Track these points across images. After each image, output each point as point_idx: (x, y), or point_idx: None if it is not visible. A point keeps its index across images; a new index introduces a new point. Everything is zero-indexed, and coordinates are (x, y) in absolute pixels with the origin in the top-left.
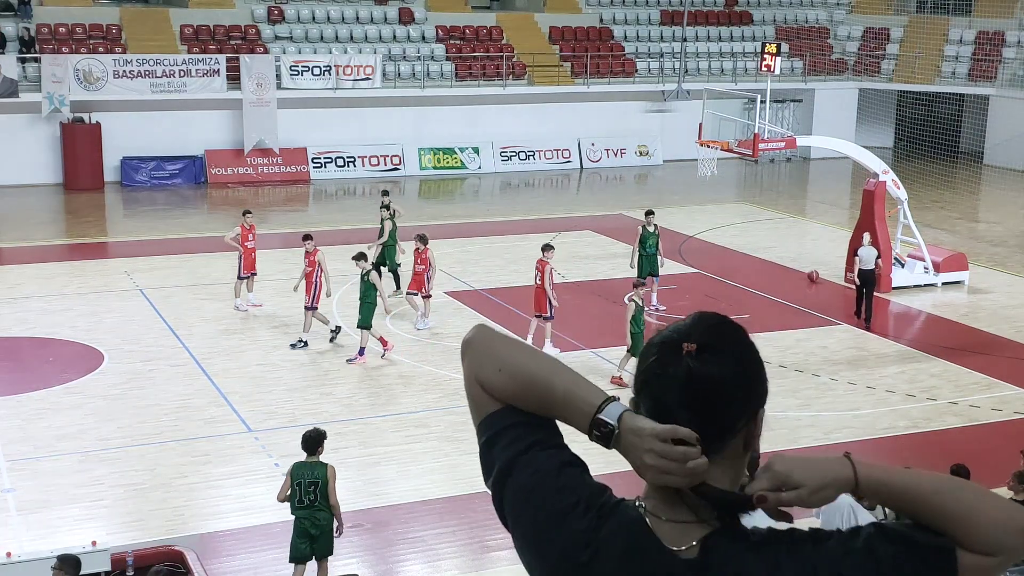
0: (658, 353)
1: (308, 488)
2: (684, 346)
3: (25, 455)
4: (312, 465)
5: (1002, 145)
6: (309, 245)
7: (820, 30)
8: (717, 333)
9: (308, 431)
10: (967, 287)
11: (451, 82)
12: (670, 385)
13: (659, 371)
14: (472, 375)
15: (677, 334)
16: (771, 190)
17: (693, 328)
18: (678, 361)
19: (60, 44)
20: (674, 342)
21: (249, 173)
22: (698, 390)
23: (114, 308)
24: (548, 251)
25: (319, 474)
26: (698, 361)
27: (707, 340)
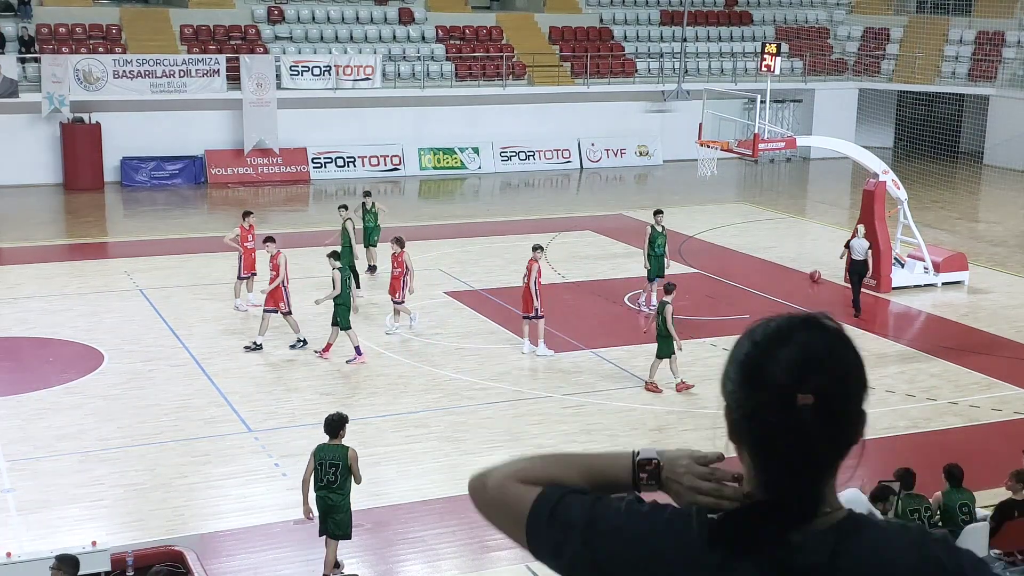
0: (767, 401)
1: (329, 469)
2: (799, 398)
3: (25, 455)
4: (333, 447)
5: (1002, 145)
6: (272, 248)
7: (820, 30)
8: (838, 376)
9: (331, 414)
10: (967, 287)
11: (451, 82)
12: (786, 443)
13: (771, 424)
14: (500, 490)
15: (787, 376)
16: (771, 190)
17: (806, 367)
18: (790, 413)
19: (60, 44)
20: (785, 388)
21: (249, 173)
22: (817, 449)
23: (114, 308)
24: (537, 251)
25: (339, 455)
26: (817, 419)
27: (825, 389)
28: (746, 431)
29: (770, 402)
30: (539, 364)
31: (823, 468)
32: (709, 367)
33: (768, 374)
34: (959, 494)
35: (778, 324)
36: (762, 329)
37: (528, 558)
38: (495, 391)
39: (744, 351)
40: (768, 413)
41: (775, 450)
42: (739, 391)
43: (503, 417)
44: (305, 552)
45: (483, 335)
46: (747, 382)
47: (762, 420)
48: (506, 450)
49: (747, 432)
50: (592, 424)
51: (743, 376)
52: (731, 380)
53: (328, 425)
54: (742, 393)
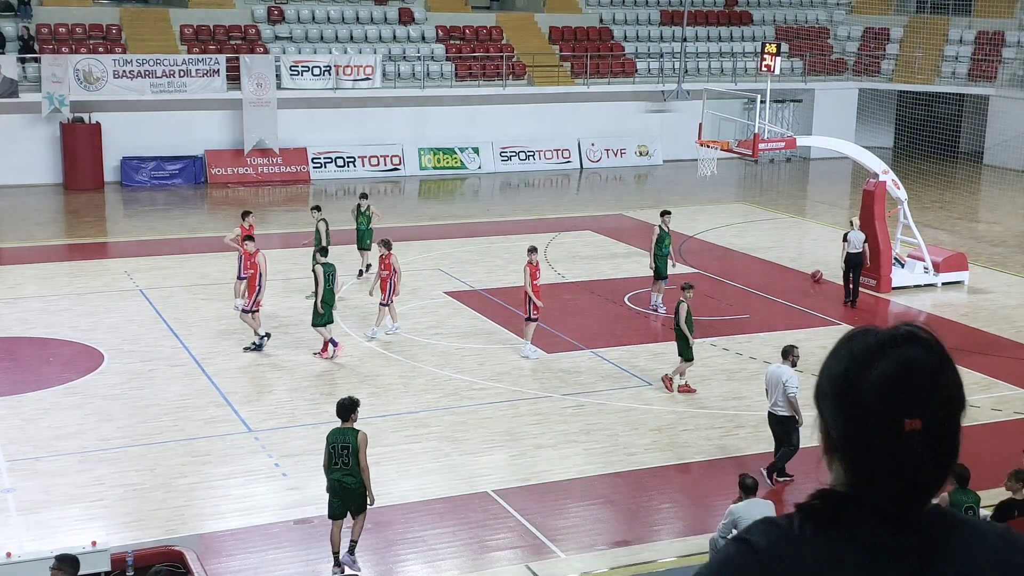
0: (873, 424)
1: (340, 451)
2: (906, 423)
3: (25, 455)
4: (344, 431)
5: (1002, 145)
6: (251, 246)
7: (820, 30)
8: (944, 398)
9: (342, 398)
10: (967, 287)
11: (451, 82)
12: (891, 468)
13: (875, 449)
14: None
15: (893, 399)
16: (771, 190)
17: (913, 390)
18: (898, 439)
19: (60, 44)
20: (891, 412)
21: (249, 173)
22: (924, 474)
23: (114, 308)
24: (531, 253)
25: (350, 439)
26: (925, 447)
27: (934, 413)
28: (847, 452)
29: (876, 425)
30: (539, 364)
31: (930, 492)
32: (709, 367)
33: (872, 395)
34: (965, 495)
35: (879, 339)
36: (861, 343)
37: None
38: (495, 391)
39: (843, 366)
40: (873, 437)
41: (879, 473)
42: (838, 411)
43: (503, 417)
44: (305, 552)
45: (483, 335)
46: (847, 401)
47: (866, 444)
48: (506, 450)
49: (848, 453)
50: (592, 424)
51: (842, 395)
52: (828, 397)
53: (340, 409)
54: (841, 414)
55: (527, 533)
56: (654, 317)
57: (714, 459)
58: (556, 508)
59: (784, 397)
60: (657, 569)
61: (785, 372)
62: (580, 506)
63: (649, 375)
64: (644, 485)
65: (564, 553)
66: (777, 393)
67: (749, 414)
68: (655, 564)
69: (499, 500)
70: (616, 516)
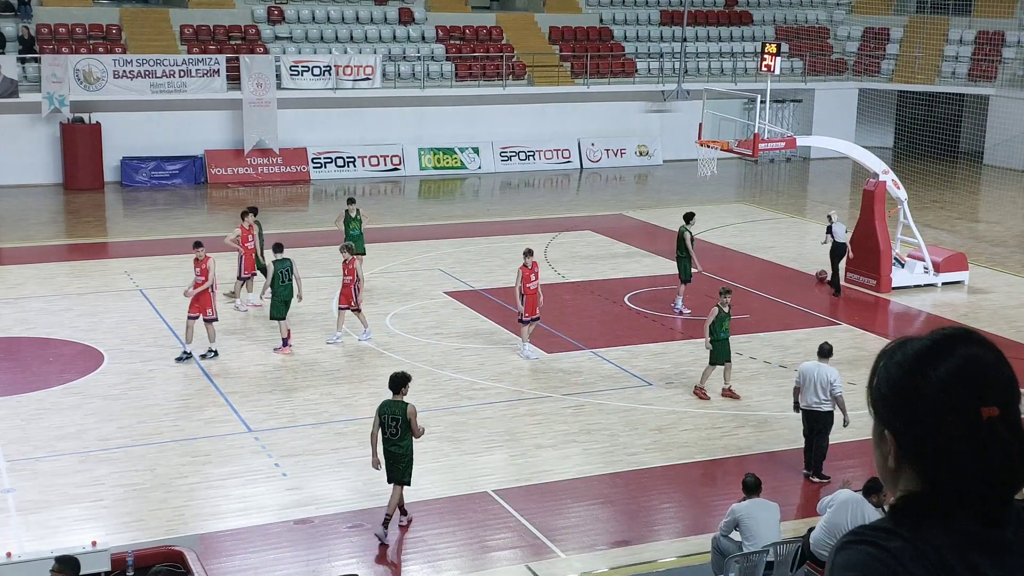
0: (950, 420)
1: (390, 422)
2: (984, 412)
3: (25, 455)
4: (394, 403)
5: (1002, 145)
6: (200, 253)
7: (820, 30)
8: (1011, 383)
9: (394, 372)
10: (967, 287)
11: (451, 82)
12: (978, 458)
13: (958, 441)
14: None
15: (966, 391)
16: (771, 190)
17: (982, 380)
18: (977, 428)
19: (60, 44)
20: (966, 403)
21: (249, 173)
22: (1014, 459)
23: (114, 308)
24: (526, 256)
25: (399, 411)
26: (1008, 432)
27: (1007, 398)
28: (923, 455)
29: (954, 422)
30: (539, 364)
31: (1017, 481)
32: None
33: (944, 392)
34: None
35: (934, 340)
36: (916, 346)
37: (528, 558)
38: (495, 391)
39: (904, 370)
40: (952, 433)
41: (963, 469)
42: (908, 415)
43: (503, 417)
44: (305, 552)
45: (483, 335)
46: (916, 403)
47: (944, 442)
48: (506, 450)
49: (925, 456)
50: (592, 424)
51: (910, 398)
52: (891, 404)
53: (391, 382)
54: (912, 417)
55: (527, 533)
56: (654, 317)
57: (714, 459)
58: (556, 508)
59: (830, 395)
60: (657, 569)
61: (831, 371)
62: (580, 506)
63: (649, 375)
64: (644, 485)
65: (564, 553)
66: (819, 390)
67: (749, 414)
68: (655, 564)
69: (499, 500)
70: (616, 516)
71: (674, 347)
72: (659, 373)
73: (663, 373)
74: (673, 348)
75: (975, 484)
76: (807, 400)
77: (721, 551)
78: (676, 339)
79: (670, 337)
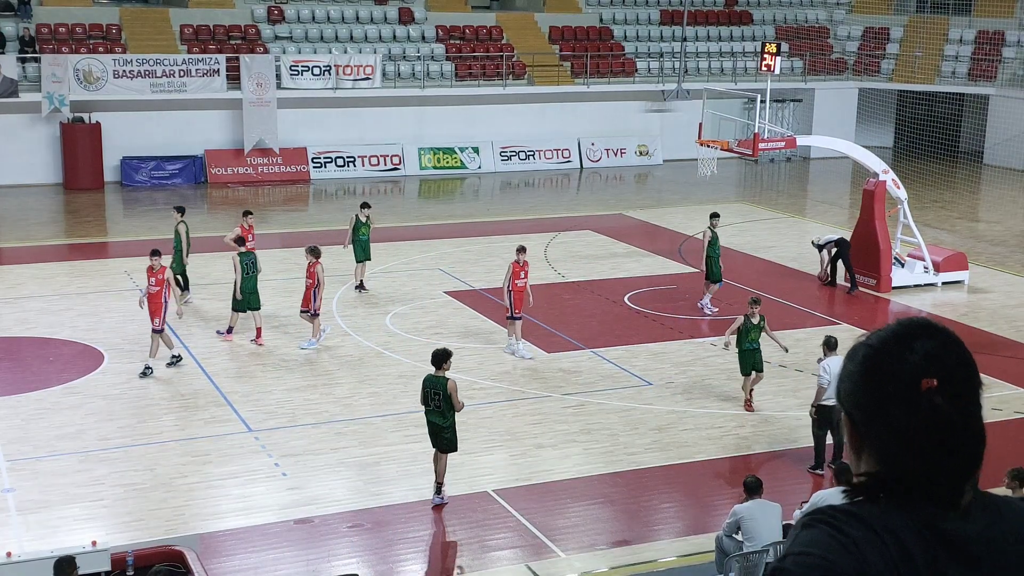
0: (892, 393)
1: (432, 396)
2: (923, 382)
3: (25, 455)
4: (436, 378)
5: (1002, 145)
6: (156, 262)
7: (820, 30)
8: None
9: (436, 349)
10: (967, 287)
11: (451, 82)
12: (919, 433)
13: (899, 416)
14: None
15: (911, 364)
16: (771, 190)
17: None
18: (917, 400)
19: (60, 44)
20: (909, 376)
21: (249, 173)
22: (953, 435)
23: (114, 308)
24: (519, 253)
25: (440, 385)
26: (947, 402)
27: (949, 372)
28: (873, 430)
29: (895, 392)
30: (539, 364)
31: (965, 463)
32: (709, 367)
33: (891, 366)
34: None
35: (893, 327)
36: (876, 333)
37: (528, 558)
38: (495, 391)
39: (862, 353)
40: (894, 408)
41: (909, 446)
42: (860, 390)
43: (503, 417)
44: (305, 552)
45: (483, 335)
46: (868, 376)
47: (889, 418)
48: (506, 450)
49: (874, 431)
50: (592, 424)
51: (864, 372)
52: (849, 380)
53: (433, 358)
54: (863, 390)
55: (527, 533)
56: (654, 317)
57: (714, 459)
58: (556, 508)
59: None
60: (657, 569)
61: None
62: (580, 506)
63: (649, 375)
64: (644, 485)
65: (564, 553)
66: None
67: (749, 414)
68: (655, 564)
69: (499, 500)
70: (616, 516)
71: (674, 347)
72: (659, 373)
73: (663, 373)
74: (673, 348)
75: (921, 462)
76: (829, 397)
77: (724, 550)
78: (676, 339)
79: (670, 337)
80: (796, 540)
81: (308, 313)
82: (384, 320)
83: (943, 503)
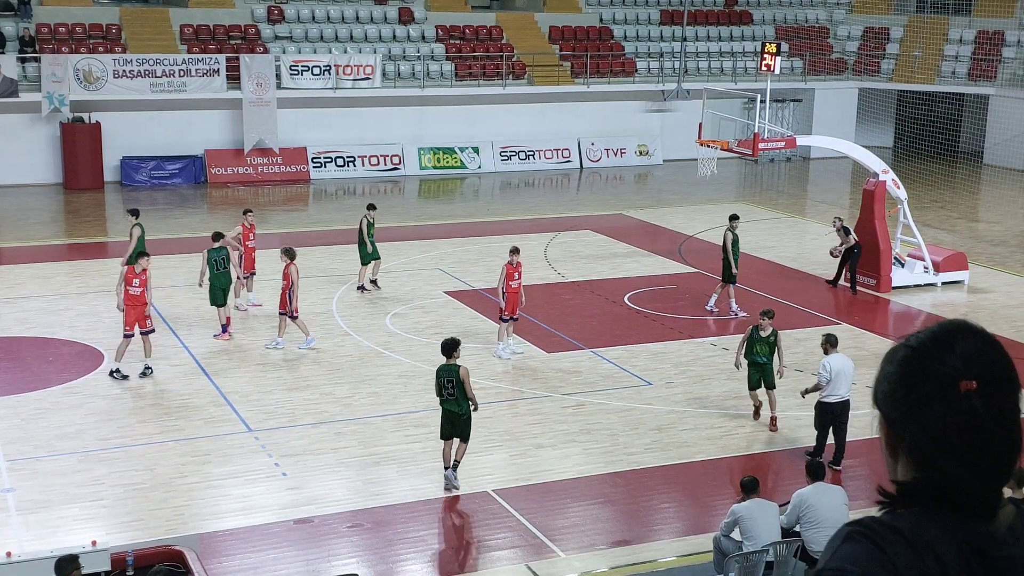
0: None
1: (446, 384)
2: (962, 384)
3: (25, 455)
4: (449, 367)
5: (1002, 145)
6: (143, 264)
7: (820, 30)
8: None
9: (445, 338)
10: (967, 287)
11: (451, 82)
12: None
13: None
14: None
15: (950, 365)
16: (771, 190)
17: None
18: (957, 401)
19: (60, 44)
20: (948, 377)
21: (249, 173)
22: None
23: (114, 308)
24: (512, 254)
25: (453, 373)
26: (984, 406)
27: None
28: (910, 432)
29: (934, 393)
30: (539, 364)
31: (1003, 467)
32: (709, 367)
33: (930, 367)
34: None
35: (933, 329)
36: (916, 335)
37: (528, 558)
38: (495, 391)
39: (901, 354)
40: (932, 410)
41: (946, 449)
42: (898, 390)
43: (503, 417)
44: (305, 552)
45: (483, 335)
46: (907, 378)
47: (928, 420)
48: (506, 450)
49: (911, 432)
50: (592, 424)
51: (903, 373)
52: (887, 381)
53: (443, 347)
54: (901, 391)
55: (527, 533)
56: (654, 317)
57: (714, 459)
58: (556, 508)
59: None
60: (657, 569)
61: (849, 361)
62: (580, 506)
63: (649, 375)
64: (644, 485)
65: (564, 553)
66: (847, 382)
67: (749, 413)
68: (655, 564)
69: (499, 500)
70: (616, 516)
71: (674, 347)
72: (659, 373)
73: (663, 373)
74: (673, 348)
75: (957, 465)
76: (839, 392)
77: (722, 551)
78: (676, 339)
79: (670, 337)
80: (837, 553)
81: (285, 315)
82: (384, 320)
83: (980, 511)
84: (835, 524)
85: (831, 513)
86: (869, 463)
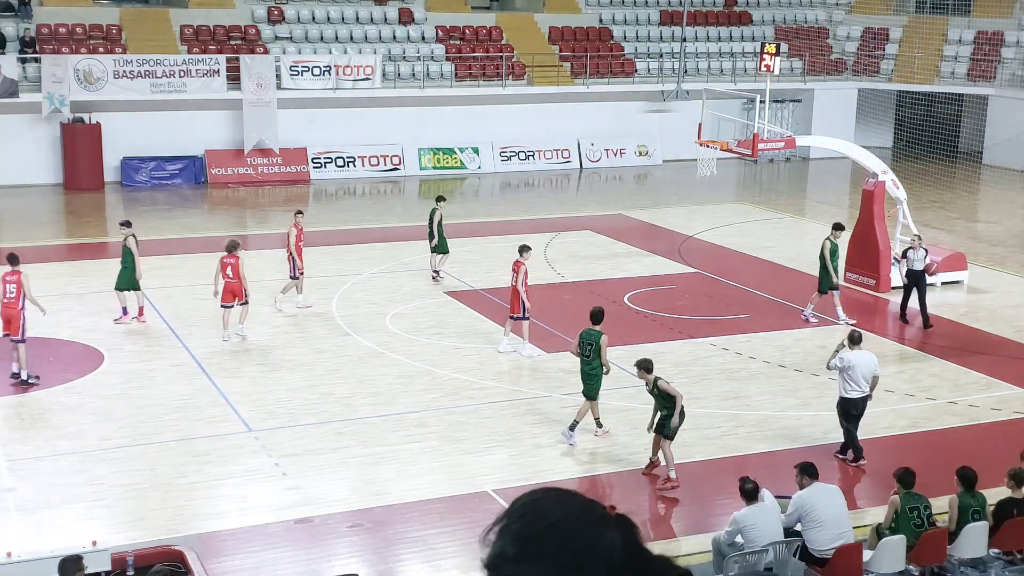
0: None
1: (586, 347)
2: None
3: (25, 455)
4: (592, 331)
5: (1001, 145)
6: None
7: (820, 30)
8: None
9: (594, 307)
10: (966, 287)
11: (451, 82)
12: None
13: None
14: None
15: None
16: (770, 190)
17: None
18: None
19: (60, 44)
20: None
21: (249, 173)
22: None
23: (114, 308)
24: (525, 252)
25: (594, 338)
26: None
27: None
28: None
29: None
30: (539, 364)
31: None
32: (708, 367)
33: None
34: (972, 499)
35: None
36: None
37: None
38: (495, 391)
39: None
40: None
41: None
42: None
43: (503, 417)
44: (305, 552)
45: (483, 335)
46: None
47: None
48: (506, 450)
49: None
50: (592, 424)
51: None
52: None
53: (591, 315)
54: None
55: None
56: (654, 317)
57: (714, 459)
58: None
59: (871, 380)
60: None
61: (873, 357)
62: None
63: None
64: (644, 485)
65: None
66: (866, 378)
67: (749, 414)
68: None
69: (499, 500)
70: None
71: (674, 347)
72: (658, 373)
73: (663, 373)
74: (673, 348)
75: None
76: (860, 387)
77: (722, 553)
78: (676, 339)
79: (669, 336)
80: None
81: (231, 307)
82: (384, 320)
83: None
84: (835, 523)
85: (831, 512)
86: (869, 463)
